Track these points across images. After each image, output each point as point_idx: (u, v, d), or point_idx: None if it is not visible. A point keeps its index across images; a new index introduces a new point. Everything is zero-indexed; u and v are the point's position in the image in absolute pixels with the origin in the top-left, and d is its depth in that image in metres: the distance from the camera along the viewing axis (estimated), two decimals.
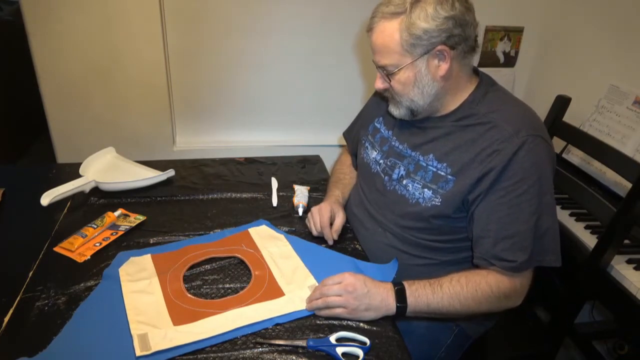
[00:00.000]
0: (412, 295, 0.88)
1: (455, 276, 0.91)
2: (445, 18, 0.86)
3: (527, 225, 0.88)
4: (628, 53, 1.56)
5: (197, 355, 0.77)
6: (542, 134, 0.90)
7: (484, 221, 0.91)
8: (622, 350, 1.52)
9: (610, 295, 1.15)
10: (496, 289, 0.90)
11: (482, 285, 0.90)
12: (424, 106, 0.96)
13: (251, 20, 1.78)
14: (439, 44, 0.88)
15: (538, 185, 0.88)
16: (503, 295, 0.91)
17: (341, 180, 1.24)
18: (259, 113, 1.96)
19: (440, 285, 0.90)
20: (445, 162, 0.95)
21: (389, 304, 0.87)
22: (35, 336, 0.79)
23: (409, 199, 1.00)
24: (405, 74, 0.92)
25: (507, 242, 0.89)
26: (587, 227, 1.30)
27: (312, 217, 1.09)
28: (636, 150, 1.38)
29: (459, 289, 0.89)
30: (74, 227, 1.06)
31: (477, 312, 0.92)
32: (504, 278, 0.91)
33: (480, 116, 0.93)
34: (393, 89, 0.96)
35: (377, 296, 0.87)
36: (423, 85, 0.92)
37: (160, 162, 1.38)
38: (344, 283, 0.87)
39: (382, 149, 1.09)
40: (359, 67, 1.92)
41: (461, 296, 0.89)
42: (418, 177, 0.99)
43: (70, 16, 1.62)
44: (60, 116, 1.77)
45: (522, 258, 0.88)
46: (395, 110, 1.00)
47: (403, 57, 0.90)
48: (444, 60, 0.90)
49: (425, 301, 0.88)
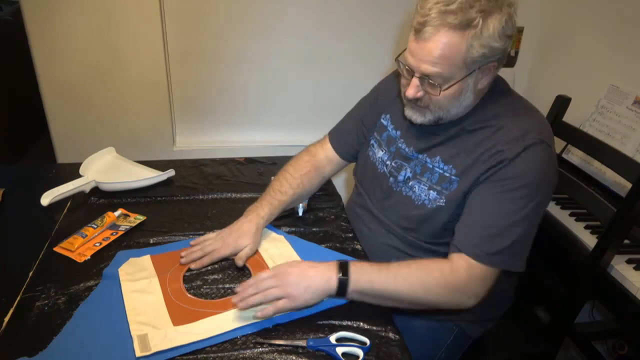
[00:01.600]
0: (356, 272, 0.84)
1: (408, 261, 0.88)
2: (508, 37, 0.83)
3: (506, 221, 0.86)
4: (628, 53, 1.56)
5: (197, 355, 0.77)
6: (548, 142, 0.88)
7: (468, 207, 0.91)
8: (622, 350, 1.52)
9: (610, 295, 1.15)
10: (450, 278, 0.85)
11: (435, 272, 0.86)
12: (454, 116, 0.93)
13: (251, 21, 1.78)
14: (494, 61, 0.86)
15: (533, 188, 0.86)
16: (456, 288, 0.86)
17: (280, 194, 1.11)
18: (259, 113, 1.96)
19: (389, 265, 0.86)
20: (451, 164, 0.94)
21: (330, 278, 0.84)
22: (35, 336, 0.79)
23: (415, 200, 0.99)
24: (454, 88, 0.86)
25: (481, 231, 0.87)
26: (587, 227, 1.30)
27: (213, 241, 1.00)
28: (636, 150, 1.38)
29: (407, 271, 0.85)
30: (74, 227, 1.06)
31: (425, 301, 0.87)
32: (463, 266, 0.86)
33: (490, 119, 0.92)
34: (432, 100, 0.89)
35: (317, 276, 0.84)
36: (464, 98, 0.89)
37: (160, 162, 1.38)
38: (276, 272, 0.85)
39: (390, 150, 1.07)
40: (359, 67, 1.92)
41: (410, 278, 0.85)
42: (424, 178, 0.98)
43: (70, 16, 1.62)
44: (60, 116, 1.77)
45: (487, 248, 0.85)
46: (419, 118, 0.94)
47: (459, 71, 0.84)
48: (487, 75, 0.88)
49: (369, 278, 0.84)
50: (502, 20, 0.81)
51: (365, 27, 1.85)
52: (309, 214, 1.19)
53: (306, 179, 1.15)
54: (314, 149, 1.22)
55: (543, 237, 1.32)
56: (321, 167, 1.20)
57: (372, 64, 1.91)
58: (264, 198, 1.11)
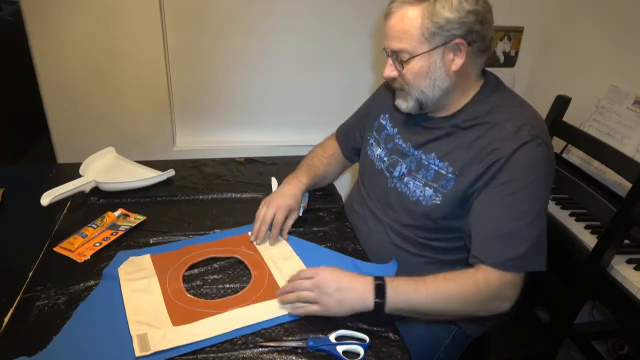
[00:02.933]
0: (393, 291, 0.84)
1: (442, 274, 0.87)
2: (468, 11, 0.86)
3: (519, 223, 0.86)
4: (628, 53, 1.56)
5: (197, 355, 0.77)
6: (543, 137, 0.89)
7: (477, 217, 0.91)
8: (622, 350, 1.51)
9: (610, 295, 1.15)
10: (484, 287, 0.86)
11: (469, 283, 0.86)
12: (433, 100, 0.95)
13: (251, 20, 1.78)
14: (458, 37, 0.87)
15: (535, 187, 0.87)
16: (491, 295, 0.87)
17: (314, 168, 1.21)
18: (259, 113, 1.96)
19: (424, 282, 0.86)
20: (446, 161, 0.95)
21: (366, 299, 0.84)
22: (35, 336, 0.79)
23: (410, 196, 1.00)
24: (420, 63, 0.90)
25: (498, 239, 0.88)
26: (587, 227, 1.30)
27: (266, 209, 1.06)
28: (636, 150, 1.38)
29: (445, 286, 0.86)
30: (74, 227, 1.06)
31: (463, 313, 0.89)
32: (493, 276, 0.86)
33: (483, 116, 0.93)
34: (404, 78, 0.94)
35: (353, 291, 0.84)
36: (435, 78, 0.92)
37: (160, 162, 1.38)
38: (316, 278, 0.85)
39: (387, 147, 1.08)
40: (359, 67, 1.92)
41: (446, 293, 0.85)
42: (420, 175, 0.99)
43: (70, 16, 1.62)
44: (60, 116, 1.77)
45: (511, 255, 0.86)
46: (403, 104, 0.98)
47: (420, 45, 0.89)
48: (459, 55, 0.90)
49: (406, 297, 0.85)
50: None
51: (365, 27, 1.85)
52: (309, 214, 1.19)
53: (333, 160, 1.26)
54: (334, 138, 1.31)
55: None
56: (342, 156, 1.29)
57: (372, 64, 1.91)
58: (300, 170, 1.19)
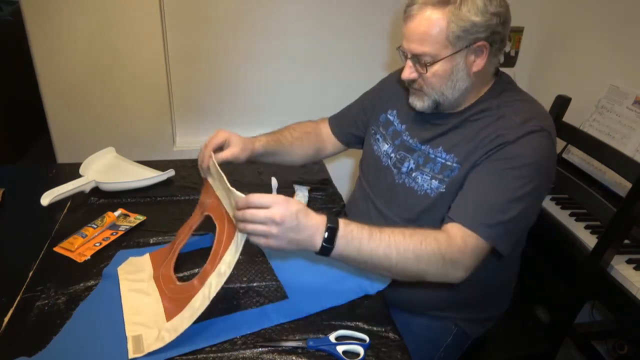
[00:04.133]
0: (344, 237, 0.79)
1: (403, 228, 0.83)
2: (492, 14, 0.85)
3: (505, 198, 0.85)
4: (628, 53, 1.56)
5: (197, 355, 0.77)
6: (549, 130, 0.89)
7: (467, 184, 0.91)
8: (622, 350, 1.51)
9: (610, 295, 1.15)
10: (445, 247, 0.82)
11: (430, 239, 0.82)
12: (452, 100, 0.94)
13: (251, 20, 1.77)
14: (482, 40, 0.87)
15: (533, 169, 0.86)
16: (449, 258, 0.82)
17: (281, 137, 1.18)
18: (259, 113, 1.96)
19: (380, 231, 0.81)
20: (452, 152, 0.95)
21: (314, 240, 0.78)
22: (35, 336, 0.79)
23: (418, 191, 1.00)
24: (443, 67, 0.89)
25: (479, 205, 0.87)
26: (587, 227, 1.30)
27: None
28: (636, 150, 1.38)
29: (401, 237, 0.81)
30: (74, 227, 1.06)
31: (415, 270, 0.82)
32: (458, 237, 0.84)
33: (492, 109, 0.93)
34: (425, 81, 0.93)
35: (305, 230, 0.77)
36: (457, 80, 0.91)
37: (160, 162, 1.38)
38: (273, 212, 0.75)
39: (395, 143, 1.08)
40: (359, 67, 1.92)
41: (400, 246, 0.80)
42: (427, 169, 0.99)
43: (70, 16, 1.62)
44: (60, 116, 1.77)
45: (484, 221, 0.84)
46: (418, 103, 0.97)
47: (444, 49, 0.88)
48: (481, 57, 0.89)
49: (357, 245, 0.80)
50: None
51: (366, 27, 1.85)
52: None
53: (306, 136, 1.22)
54: (317, 121, 1.30)
55: (543, 238, 1.33)
56: (321, 136, 1.26)
57: (373, 64, 1.91)
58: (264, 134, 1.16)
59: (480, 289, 1.02)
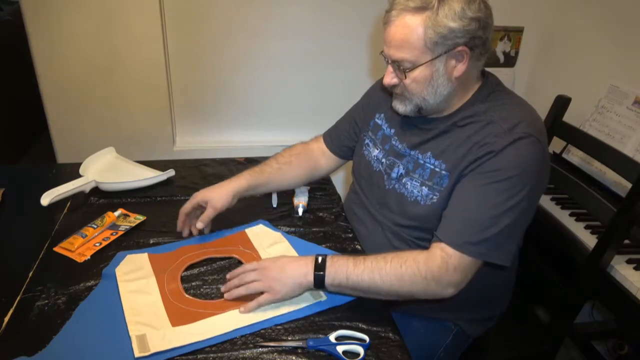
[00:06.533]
0: (332, 266, 0.87)
1: (385, 254, 0.88)
2: (471, 19, 0.84)
3: (489, 214, 0.85)
4: (628, 53, 1.56)
5: (197, 356, 0.77)
6: (537, 135, 0.88)
7: (452, 199, 0.91)
8: (622, 350, 1.52)
9: (610, 295, 1.15)
10: (424, 267, 0.85)
11: (409, 262, 0.86)
12: (434, 105, 0.94)
13: (251, 21, 1.78)
14: (461, 45, 0.86)
15: (517, 180, 0.85)
16: (431, 277, 0.85)
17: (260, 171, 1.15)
18: (258, 113, 1.96)
19: (364, 260, 0.87)
20: (441, 159, 0.95)
21: (307, 273, 0.87)
22: (35, 336, 0.79)
23: (408, 197, 1.00)
24: (422, 72, 0.89)
25: (463, 221, 0.87)
26: (587, 227, 1.30)
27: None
28: (636, 150, 1.38)
29: (383, 264, 0.86)
30: (74, 227, 1.06)
31: (402, 292, 0.87)
32: (437, 258, 0.86)
33: (480, 114, 0.93)
34: (406, 87, 0.93)
35: (296, 270, 0.87)
36: (437, 85, 0.91)
37: (160, 162, 1.38)
38: (259, 265, 0.89)
39: (384, 148, 1.08)
40: (358, 68, 1.92)
41: (382, 271, 0.85)
42: (417, 175, 0.99)
43: (70, 16, 1.62)
44: (60, 116, 1.77)
45: (469, 239, 0.85)
46: (401, 107, 0.97)
47: (423, 55, 0.87)
48: (462, 61, 0.89)
49: (345, 272, 0.86)
50: (462, 1, 0.84)
51: (365, 28, 1.85)
52: (309, 214, 1.19)
53: (295, 158, 1.20)
54: (308, 141, 1.28)
55: (543, 238, 1.33)
56: (313, 155, 1.24)
57: (372, 64, 1.91)
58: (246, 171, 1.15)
59: (479, 289, 1.02)
